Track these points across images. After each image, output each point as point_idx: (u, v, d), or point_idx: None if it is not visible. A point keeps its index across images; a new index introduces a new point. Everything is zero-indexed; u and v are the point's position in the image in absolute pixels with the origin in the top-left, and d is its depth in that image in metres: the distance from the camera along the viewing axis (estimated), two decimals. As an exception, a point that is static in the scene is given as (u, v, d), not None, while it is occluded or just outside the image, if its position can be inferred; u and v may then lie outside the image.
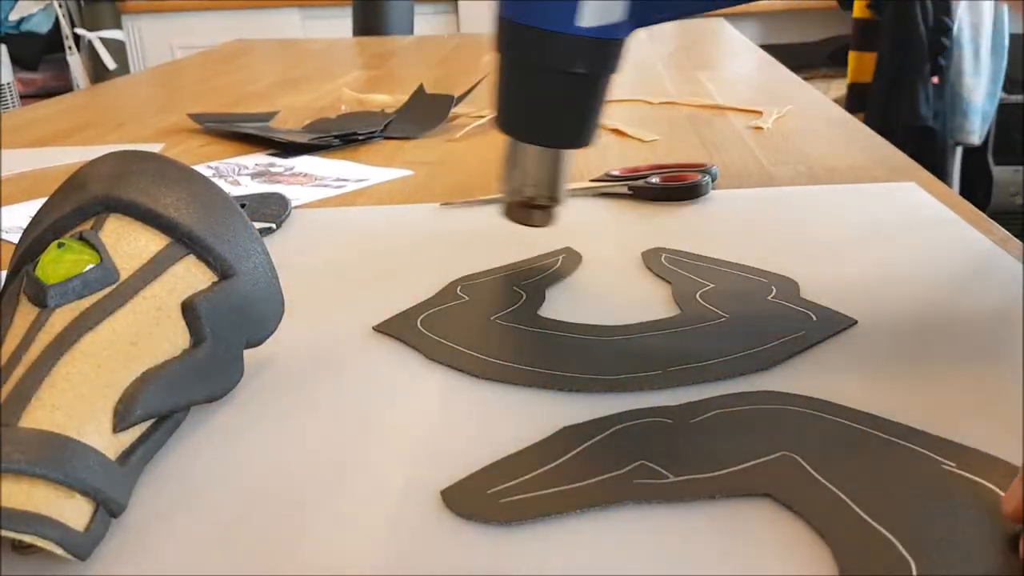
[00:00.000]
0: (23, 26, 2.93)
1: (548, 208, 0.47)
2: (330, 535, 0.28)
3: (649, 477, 0.29)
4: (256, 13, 3.06)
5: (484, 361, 0.38)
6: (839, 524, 0.26)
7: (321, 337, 0.42)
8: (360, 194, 0.67)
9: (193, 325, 0.33)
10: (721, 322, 0.41)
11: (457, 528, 0.28)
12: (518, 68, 0.43)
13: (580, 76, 0.42)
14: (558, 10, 0.40)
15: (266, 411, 0.35)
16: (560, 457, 0.31)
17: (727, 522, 0.27)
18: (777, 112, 0.85)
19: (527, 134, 0.44)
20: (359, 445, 0.33)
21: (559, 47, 0.40)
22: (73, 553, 0.26)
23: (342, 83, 1.18)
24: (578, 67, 0.41)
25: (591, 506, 0.28)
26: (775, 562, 0.25)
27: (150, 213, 0.34)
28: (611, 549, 0.26)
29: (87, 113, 1.08)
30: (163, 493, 0.30)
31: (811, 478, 0.28)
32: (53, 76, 3.00)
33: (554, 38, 0.40)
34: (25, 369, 0.29)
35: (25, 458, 0.26)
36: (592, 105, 0.43)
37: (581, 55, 0.41)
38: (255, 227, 0.38)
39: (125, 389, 0.30)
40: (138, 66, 3.11)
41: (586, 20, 0.40)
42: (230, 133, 0.88)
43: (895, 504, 0.27)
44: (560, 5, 0.40)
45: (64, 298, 0.31)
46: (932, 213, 0.55)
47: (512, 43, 0.42)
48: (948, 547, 0.25)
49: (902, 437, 0.31)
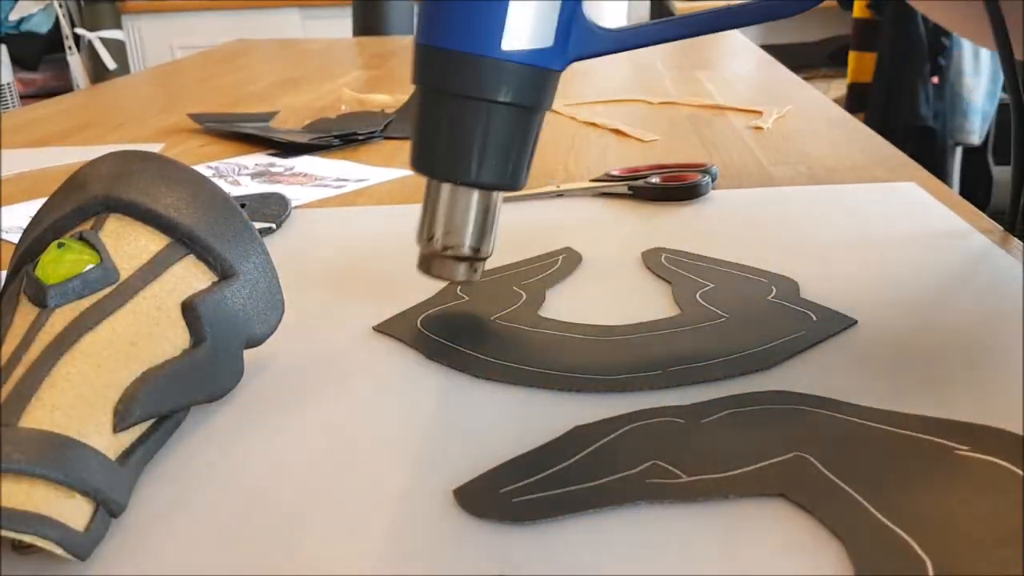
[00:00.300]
0: (23, 26, 2.93)
1: (473, 261, 0.41)
2: (331, 535, 0.28)
3: (662, 477, 0.29)
4: (256, 13, 3.06)
5: (484, 361, 0.38)
6: (853, 524, 0.26)
7: (321, 337, 0.42)
8: (360, 194, 0.67)
9: (193, 325, 0.33)
10: (721, 322, 0.41)
11: (469, 528, 0.28)
12: (439, 98, 0.38)
13: (508, 106, 0.37)
14: (482, 32, 0.36)
15: (266, 411, 0.35)
16: (572, 457, 0.31)
17: (741, 522, 0.27)
18: (777, 112, 0.85)
19: (450, 172, 0.39)
20: (360, 445, 0.33)
21: (484, 72, 0.37)
22: (73, 553, 0.26)
23: (342, 83, 1.18)
24: (503, 95, 0.37)
25: (604, 506, 0.28)
26: (789, 562, 0.25)
27: (150, 213, 0.34)
28: (624, 549, 0.26)
29: (87, 113, 1.08)
30: (163, 493, 0.30)
31: (824, 478, 0.28)
32: (53, 76, 3.00)
33: (480, 63, 0.36)
34: (25, 369, 0.29)
35: (25, 458, 0.26)
36: (520, 140, 0.39)
37: (507, 81, 0.37)
38: (255, 227, 0.38)
39: (125, 389, 0.30)
40: (138, 66, 3.11)
41: (512, 43, 0.36)
42: (230, 133, 0.88)
43: (910, 503, 0.27)
44: (483, 27, 0.36)
45: (64, 298, 0.31)
46: (932, 213, 0.55)
47: (433, 71, 0.38)
48: (964, 546, 0.25)
49: (914, 429, 0.31)
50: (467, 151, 0.38)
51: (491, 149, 0.38)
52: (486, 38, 0.36)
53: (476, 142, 0.38)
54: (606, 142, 0.79)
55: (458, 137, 0.38)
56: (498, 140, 0.38)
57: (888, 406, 0.33)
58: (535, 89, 0.38)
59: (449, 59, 0.37)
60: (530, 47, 0.37)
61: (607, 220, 0.57)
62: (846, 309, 0.41)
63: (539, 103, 0.38)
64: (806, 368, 0.36)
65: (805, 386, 0.35)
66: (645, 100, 0.96)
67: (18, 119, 1.05)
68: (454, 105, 0.38)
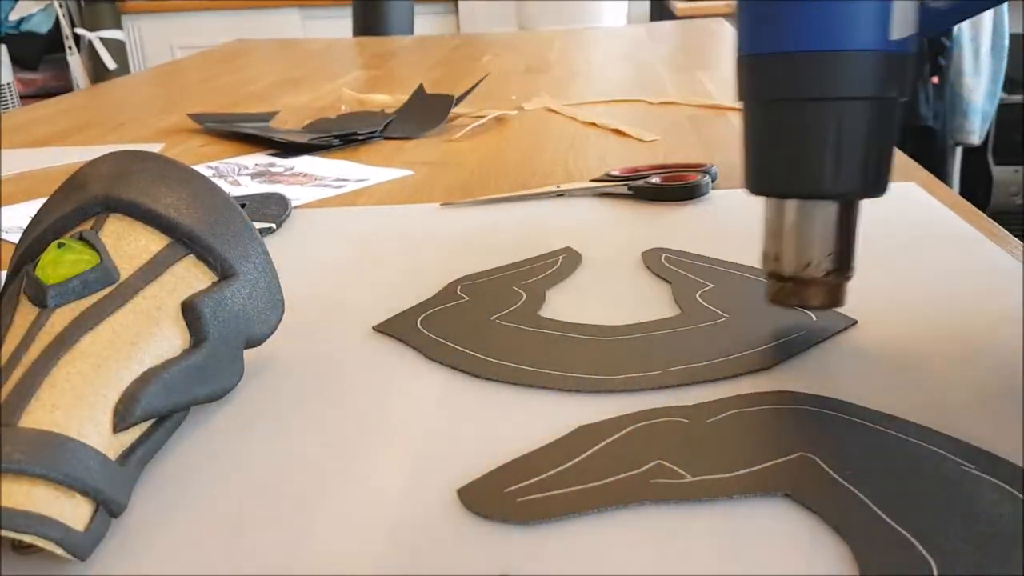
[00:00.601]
0: (23, 26, 2.93)
1: (839, 281, 0.37)
2: (332, 535, 0.28)
3: (667, 477, 0.29)
4: (256, 13, 3.06)
5: (484, 361, 0.38)
6: (858, 524, 0.26)
7: (321, 337, 0.42)
8: (360, 194, 0.67)
9: (193, 325, 0.33)
10: (721, 322, 0.41)
11: (471, 528, 0.28)
12: (799, 107, 0.35)
13: (883, 102, 0.34)
14: (868, 25, 0.33)
15: (266, 411, 0.35)
16: (577, 456, 0.31)
17: (745, 522, 0.27)
18: (777, 112, 0.84)
19: (816, 187, 0.35)
20: (360, 445, 0.33)
21: (870, 69, 0.33)
22: (73, 553, 0.26)
23: (342, 83, 1.18)
24: (888, 90, 0.34)
25: (609, 505, 0.28)
26: (794, 562, 0.25)
27: (150, 213, 0.34)
28: (629, 548, 0.26)
29: (87, 113, 1.08)
30: (163, 493, 0.30)
31: (829, 478, 0.28)
32: (53, 76, 3.00)
33: (864, 59, 0.33)
34: (25, 369, 0.29)
35: (25, 458, 0.26)
36: (893, 136, 0.36)
37: (892, 75, 0.34)
38: (255, 227, 0.38)
39: (125, 389, 0.30)
40: (138, 66, 3.11)
41: (896, 32, 0.33)
42: (230, 133, 0.88)
43: (915, 504, 0.27)
44: (869, 18, 0.33)
45: (64, 298, 0.31)
46: (932, 213, 0.55)
47: (793, 79, 0.34)
48: (969, 547, 0.25)
49: (919, 437, 0.31)
50: (840, 160, 0.35)
51: (870, 152, 0.35)
52: (875, 31, 0.33)
53: (852, 147, 0.35)
54: (606, 142, 0.79)
55: (834, 146, 0.35)
56: (875, 141, 0.35)
57: (888, 406, 0.33)
58: (907, 77, 0.35)
59: (824, 61, 0.34)
60: (906, 34, 0.34)
61: (607, 220, 0.57)
62: (846, 309, 0.41)
63: (906, 91, 0.36)
64: (806, 368, 0.36)
65: (805, 386, 0.35)
66: (645, 100, 0.96)
67: (18, 119, 1.05)
68: (825, 111, 0.34)
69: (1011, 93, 2.33)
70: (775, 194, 0.37)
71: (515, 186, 0.66)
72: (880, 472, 0.29)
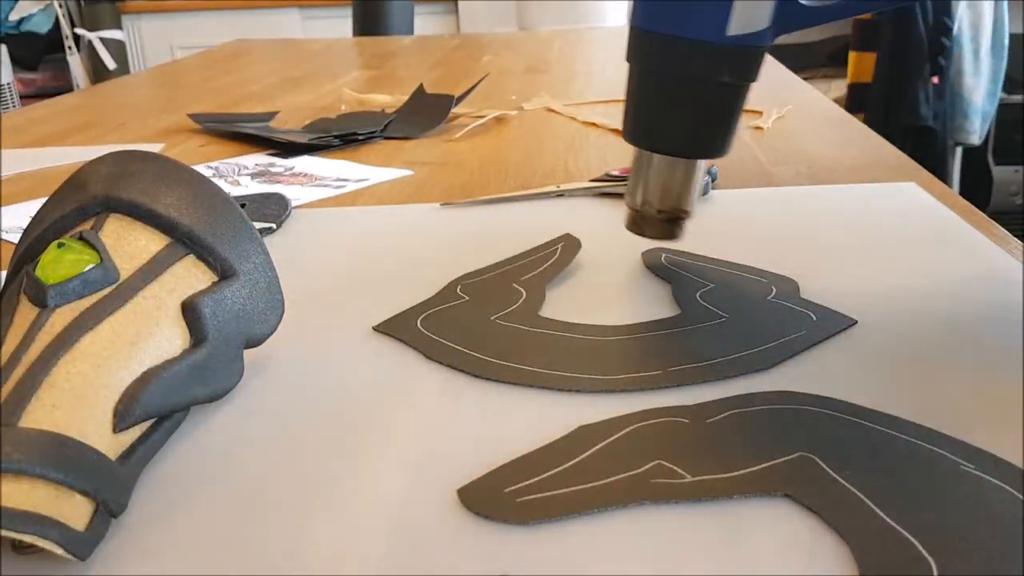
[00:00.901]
0: (23, 26, 2.93)
1: (679, 220, 0.45)
2: (332, 535, 0.28)
3: (666, 477, 0.29)
4: (256, 13, 3.06)
5: (485, 361, 0.38)
6: (858, 524, 0.26)
7: (321, 337, 0.42)
8: (360, 194, 0.67)
9: (193, 325, 0.33)
10: (721, 322, 0.41)
11: (471, 528, 0.28)
12: (655, 79, 0.41)
13: (724, 85, 0.40)
14: (705, 19, 0.38)
15: (266, 411, 0.35)
16: (577, 456, 0.31)
17: (745, 522, 0.27)
18: (777, 112, 0.85)
19: (665, 145, 0.42)
20: (360, 445, 0.33)
21: (705, 57, 0.39)
22: (73, 553, 0.26)
23: (342, 83, 1.18)
24: (724, 77, 0.40)
25: (608, 506, 0.28)
26: (794, 562, 0.25)
27: (150, 213, 0.34)
28: (628, 549, 0.26)
29: (87, 113, 1.08)
30: (163, 493, 0.30)
31: (830, 478, 0.28)
32: (53, 76, 3.00)
33: (700, 48, 0.39)
34: (25, 369, 0.29)
35: (25, 458, 0.26)
36: (734, 114, 0.42)
37: (727, 65, 0.39)
38: (255, 227, 0.38)
39: (125, 389, 0.30)
40: (138, 66, 3.11)
41: (735, 28, 0.38)
42: (230, 133, 0.88)
43: (915, 504, 0.27)
44: (708, 13, 0.38)
45: (64, 298, 0.31)
46: (932, 213, 0.55)
47: (650, 53, 0.41)
48: (969, 547, 0.25)
49: (919, 437, 0.31)
50: (684, 127, 0.42)
51: (710, 124, 0.41)
52: (712, 25, 0.38)
53: (695, 119, 0.41)
54: (606, 142, 0.79)
55: (680, 115, 0.41)
56: (715, 116, 0.41)
57: (888, 406, 0.33)
58: (751, 67, 0.40)
59: (672, 44, 0.39)
60: (748, 31, 0.39)
61: (607, 220, 0.57)
62: (846, 309, 0.41)
63: (753, 75, 0.41)
64: (806, 368, 0.36)
65: (805, 386, 0.35)
66: (645, 100, 0.95)
67: (18, 119, 1.05)
68: (675, 86, 0.40)
69: (1011, 93, 2.33)
70: (631, 142, 0.44)
71: (515, 186, 0.66)
72: (880, 472, 0.29)
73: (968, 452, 0.30)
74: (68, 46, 2.94)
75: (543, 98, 0.99)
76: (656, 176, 0.43)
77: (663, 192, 0.44)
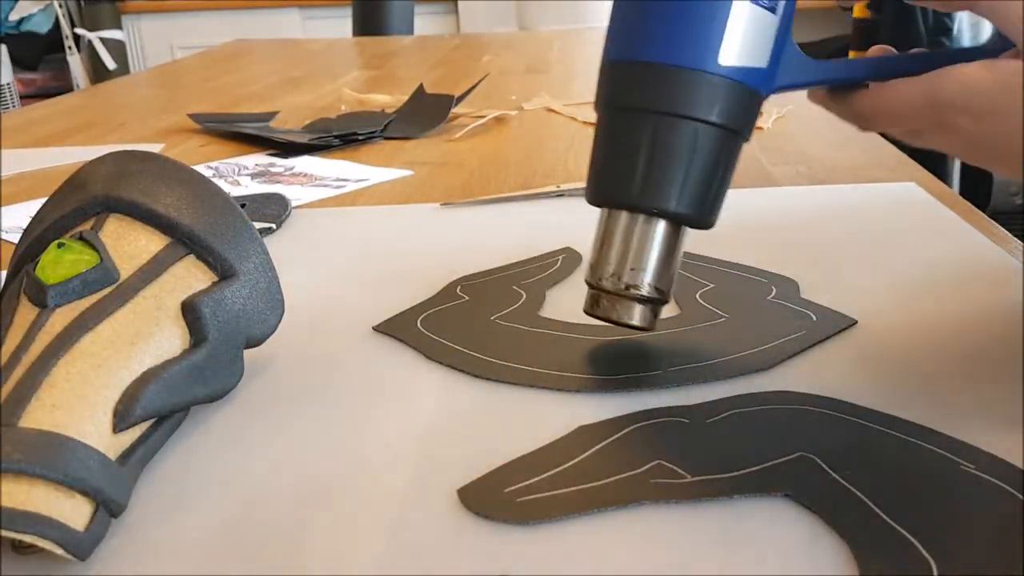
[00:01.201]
0: (23, 26, 2.93)
1: (654, 303, 0.36)
2: (332, 535, 0.28)
3: (666, 477, 0.29)
4: (256, 13, 3.06)
5: (484, 361, 0.38)
6: (858, 524, 0.26)
7: (321, 337, 0.42)
8: (360, 194, 0.67)
9: (193, 325, 0.33)
10: (721, 322, 0.41)
11: (471, 527, 0.28)
12: (637, 118, 0.34)
13: (718, 128, 0.33)
14: (698, 44, 0.32)
15: (266, 411, 0.35)
16: (576, 456, 0.31)
17: (746, 522, 0.27)
18: (777, 112, 0.85)
19: (649, 199, 0.34)
20: (360, 445, 0.33)
21: (698, 88, 0.33)
22: (73, 553, 0.26)
23: (342, 83, 1.18)
24: (716, 115, 0.33)
25: (608, 506, 0.28)
26: (794, 562, 0.25)
27: (150, 213, 0.34)
28: (629, 549, 0.26)
29: (87, 113, 1.08)
30: (163, 493, 0.30)
31: (829, 478, 0.28)
32: (53, 76, 3.00)
33: (693, 77, 0.33)
34: (25, 369, 0.29)
35: (25, 458, 0.26)
36: (724, 168, 0.34)
37: (721, 99, 0.33)
38: (255, 227, 0.38)
39: (125, 389, 0.30)
40: (138, 66, 3.11)
41: (729, 57, 0.33)
42: (230, 133, 0.88)
43: (914, 503, 0.27)
44: (700, 38, 0.32)
45: (64, 298, 0.31)
46: (932, 213, 0.55)
47: (632, 87, 0.34)
48: (968, 547, 0.25)
49: (919, 437, 0.31)
50: (671, 175, 0.33)
51: (695, 174, 0.34)
52: (702, 51, 0.32)
53: (682, 165, 0.33)
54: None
55: (662, 160, 0.33)
56: (704, 165, 0.34)
57: (888, 406, 0.33)
58: (746, 111, 0.34)
59: (654, 73, 0.33)
60: (746, 65, 0.33)
61: (607, 220, 0.57)
62: (846, 309, 0.41)
63: (747, 128, 0.34)
64: (806, 368, 0.36)
65: (805, 386, 0.35)
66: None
67: (18, 119, 1.05)
68: (657, 124, 0.33)
69: (1011, 93, 2.33)
70: (595, 201, 0.36)
71: (515, 186, 0.66)
72: (880, 472, 0.29)
73: (968, 452, 0.30)
74: (68, 46, 2.94)
75: (543, 98, 0.99)
76: (630, 242, 0.35)
77: (635, 263, 0.35)
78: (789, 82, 0.35)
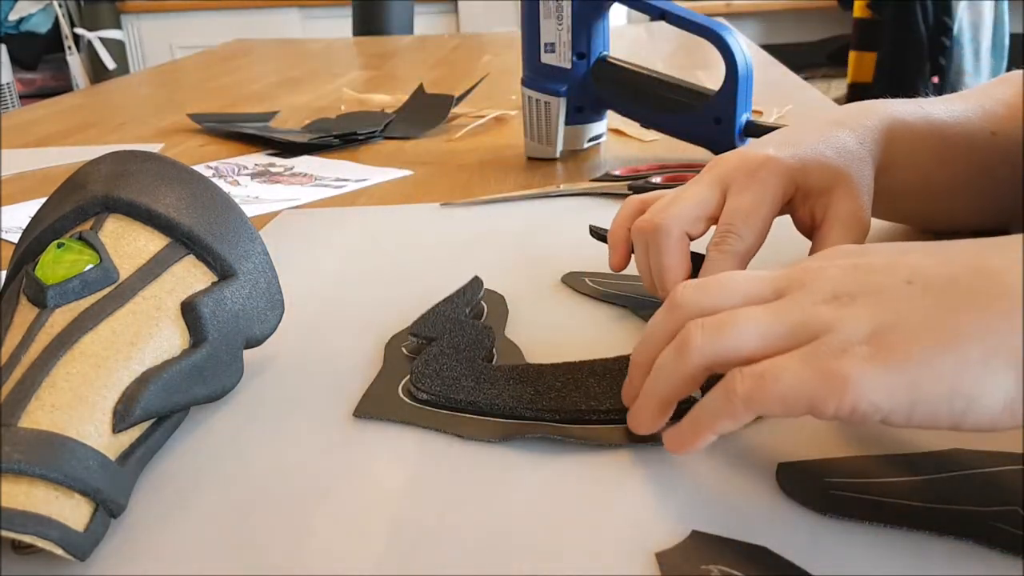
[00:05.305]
0: (23, 26, 2.93)
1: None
2: (331, 535, 0.28)
3: (1014, 526, 0.26)
4: (256, 13, 3.06)
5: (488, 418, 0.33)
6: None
7: (321, 337, 0.42)
8: (360, 194, 0.67)
9: (193, 325, 0.33)
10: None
11: (472, 527, 0.28)
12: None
13: None
14: None
15: (266, 411, 0.35)
16: (926, 475, 0.29)
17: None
18: (777, 112, 0.85)
19: None
20: (359, 445, 0.32)
21: None
22: (73, 553, 0.26)
23: (342, 83, 1.18)
24: None
25: (933, 531, 0.26)
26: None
27: (150, 213, 0.34)
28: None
29: (87, 113, 1.08)
30: (163, 493, 0.30)
31: None
32: (53, 76, 3.00)
33: None
34: (25, 369, 0.29)
35: (25, 458, 0.26)
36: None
37: None
38: (255, 227, 0.38)
39: (125, 389, 0.30)
40: (138, 66, 3.11)
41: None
42: (230, 133, 0.88)
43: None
44: None
45: (64, 298, 0.31)
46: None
47: None
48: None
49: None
50: None
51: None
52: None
53: None
54: (606, 142, 0.79)
55: None
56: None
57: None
58: None
59: None
60: None
61: (608, 220, 0.57)
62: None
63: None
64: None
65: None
66: (645, 100, 0.95)
67: (18, 119, 1.05)
68: None
69: (1011, 93, 2.33)
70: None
71: (515, 186, 0.66)
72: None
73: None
74: (68, 46, 2.94)
75: (543, 98, 0.98)
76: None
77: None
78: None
